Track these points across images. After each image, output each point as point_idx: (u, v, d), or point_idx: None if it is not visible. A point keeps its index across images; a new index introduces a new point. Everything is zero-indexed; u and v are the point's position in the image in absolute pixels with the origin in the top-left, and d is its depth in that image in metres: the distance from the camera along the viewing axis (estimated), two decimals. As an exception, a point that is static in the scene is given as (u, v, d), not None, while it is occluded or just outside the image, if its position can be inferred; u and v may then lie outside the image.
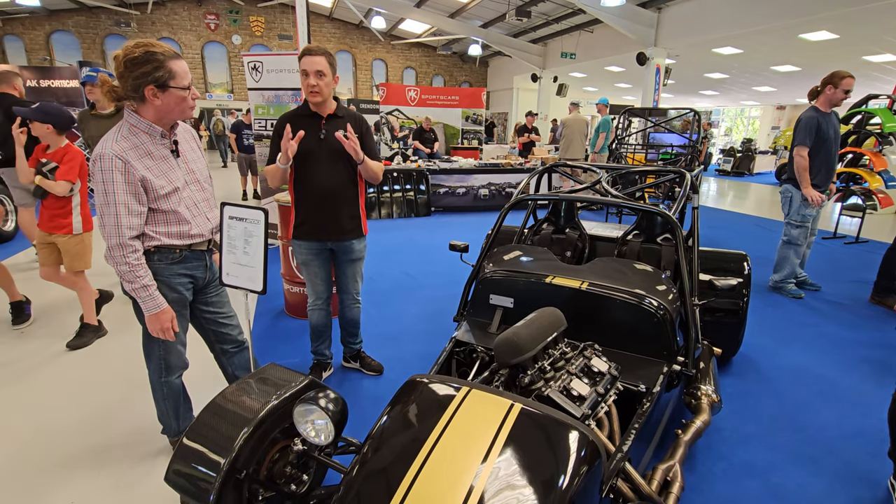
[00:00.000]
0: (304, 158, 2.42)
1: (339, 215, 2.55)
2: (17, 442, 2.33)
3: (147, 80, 1.65)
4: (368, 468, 1.28)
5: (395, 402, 1.48)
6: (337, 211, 2.54)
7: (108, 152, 1.64)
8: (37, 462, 2.19)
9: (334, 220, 2.55)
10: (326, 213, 2.53)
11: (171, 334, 1.86)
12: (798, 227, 4.26)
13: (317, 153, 2.44)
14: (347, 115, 2.53)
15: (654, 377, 1.90)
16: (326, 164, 2.46)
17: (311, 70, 2.31)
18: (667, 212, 2.29)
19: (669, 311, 2.01)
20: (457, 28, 16.13)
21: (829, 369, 3.13)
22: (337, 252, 2.67)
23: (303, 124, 2.40)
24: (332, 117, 2.47)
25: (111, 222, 1.67)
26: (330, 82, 2.38)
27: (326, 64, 2.34)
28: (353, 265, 2.72)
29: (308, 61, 2.32)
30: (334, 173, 2.50)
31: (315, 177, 2.47)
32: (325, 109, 2.46)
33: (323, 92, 2.36)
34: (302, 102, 2.50)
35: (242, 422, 1.54)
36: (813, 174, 4.08)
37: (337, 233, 2.58)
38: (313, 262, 2.64)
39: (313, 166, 2.46)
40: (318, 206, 2.52)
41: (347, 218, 2.59)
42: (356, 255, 2.69)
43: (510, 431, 1.27)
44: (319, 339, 2.85)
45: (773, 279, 4.54)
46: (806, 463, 2.24)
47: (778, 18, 8.98)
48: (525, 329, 1.63)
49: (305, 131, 2.37)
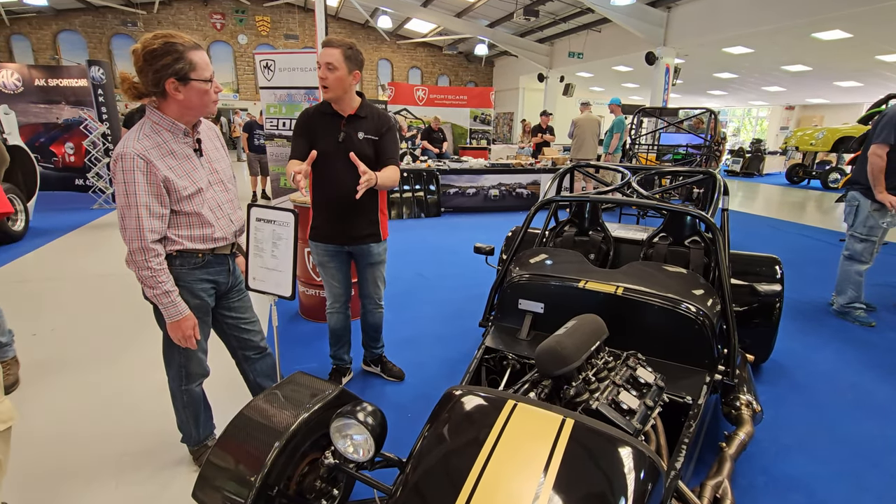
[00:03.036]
0: (322, 160, 2.30)
1: (357, 220, 2.44)
2: (37, 448, 2.26)
3: (167, 72, 1.57)
4: (416, 490, 1.20)
5: (436, 416, 1.39)
6: (354, 215, 2.42)
7: (129, 151, 1.56)
8: (56, 469, 2.13)
9: (351, 225, 2.45)
10: (343, 218, 2.42)
11: (192, 342, 1.78)
12: (863, 242, 3.73)
13: (334, 156, 2.29)
14: (370, 114, 2.38)
15: (697, 387, 1.82)
16: (344, 167, 2.28)
17: (322, 62, 2.19)
18: (705, 214, 2.20)
19: (710, 316, 1.92)
20: (463, 27, 16.05)
21: (863, 376, 3.03)
22: (355, 255, 2.58)
23: (325, 123, 2.32)
24: (353, 117, 2.34)
25: (133, 225, 1.59)
26: (343, 77, 2.21)
27: (340, 57, 2.18)
28: (372, 269, 2.61)
29: (321, 52, 2.22)
30: (353, 177, 2.30)
31: (332, 180, 2.36)
32: (346, 108, 2.32)
33: (332, 86, 2.21)
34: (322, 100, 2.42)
35: (273, 435, 1.46)
36: (889, 177, 3.53)
37: (354, 237, 2.48)
38: (330, 264, 2.55)
39: (331, 169, 2.35)
40: (335, 209, 2.42)
41: (366, 223, 2.48)
42: (375, 259, 2.58)
43: (566, 449, 1.18)
44: (338, 343, 2.77)
45: (838, 302, 3.98)
46: (850, 477, 2.15)
47: (791, 17, 8.86)
48: (568, 338, 1.55)
49: (326, 131, 2.30)
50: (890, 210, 3.56)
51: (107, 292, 4.28)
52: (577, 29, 14.68)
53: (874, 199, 3.61)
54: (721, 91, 19.26)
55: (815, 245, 6.54)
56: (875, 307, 4.12)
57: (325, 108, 2.37)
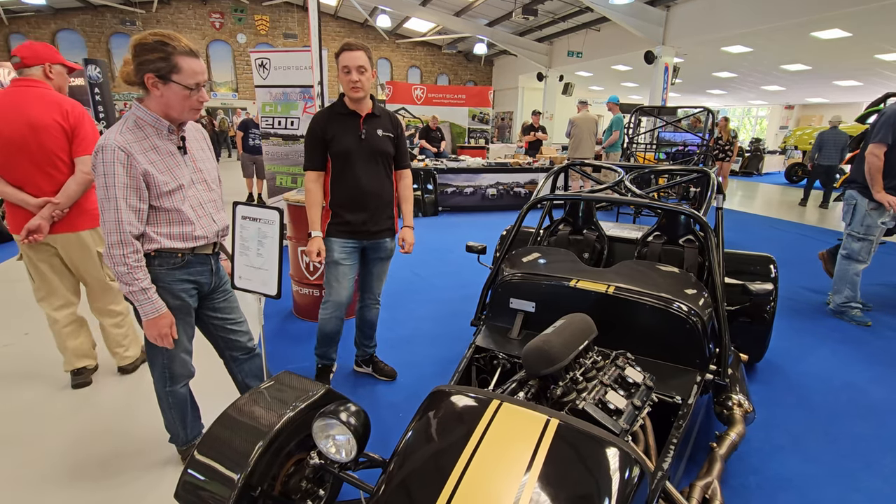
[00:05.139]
0: (344, 159, 2.40)
1: (380, 215, 2.53)
2: (20, 450, 2.24)
3: (148, 67, 1.57)
4: (398, 490, 1.19)
5: (421, 415, 1.38)
6: (378, 211, 2.52)
7: (110, 143, 1.54)
8: (40, 471, 2.11)
9: (374, 220, 2.52)
10: (368, 213, 2.49)
11: (169, 341, 1.75)
12: (861, 241, 3.72)
13: (357, 153, 2.40)
14: (384, 114, 2.50)
15: (687, 387, 1.80)
16: (367, 164, 2.43)
17: (354, 66, 2.25)
18: (697, 213, 2.19)
19: (701, 316, 1.91)
20: (462, 26, 16.02)
21: (858, 376, 3.01)
22: (369, 251, 2.62)
23: (342, 123, 2.38)
24: (370, 116, 2.42)
25: (111, 218, 1.57)
26: (370, 77, 2.33)
27: (367, 59, 2.28)
28: (382, 264, 2.69)
29: (350, 57, 2.25)
30: (375, 174, 2.48)
31: (356, 177, 2.43)
32: (364, 108, 2.40)
33: (364, 87, 2.31)
34: (338, 99, 2.43)
35: (257, 435, 1.45)
36: (887, 177, 3.52)
37: (374, 232, 2.55)
38: (345, 262, 2.54)
39: (354, 167, 2.42)
40: (361, 206, 2.47)
41: (385, 218, 2.57)
42: (387, 254, 2.67)
43: (549, 450, 1.17)
44: (330, 343, 2.73)
45: (834, 301, 3.97)
46: (842, 477, 2.14)
47: (790, 16, 8.84)
48: (556, 337, 1.53)
49: (345, 131, 2.36)
50: (888, 209, 3.55)
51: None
52: (576, 28, 14.65)
53: (872, 199, 3.59)
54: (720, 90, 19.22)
55: (813, 244, 6.52)
56: (871, 306, 4.10)
57: (341, 108, 2.40)
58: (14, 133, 2.28)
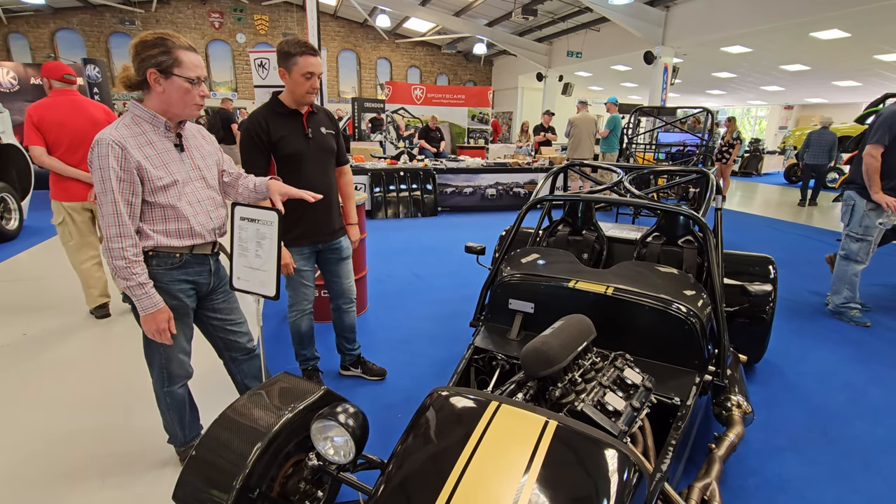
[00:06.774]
0: (294, 160, 2.32)
1: (332, 213, 2.50)
2: (19, 450, 2.24)
3: (151, 62, 1.60)
4: (396, 491, 1.19)
5: (419, 417, 1.38)
6: (330, 209, 2.48)
7: (105, 138, 1.56)
8: (39, 471, 2.10)
9: (328, 219, 2.48)
10: (322, 213, 2.43)
11: (167, 336, 1.74)
12: (859, 241, 3.71)
13: (306, 153, 2.34)
14: (320, 110, 2.47)
15: (686, 388, 1.80)
16: (317, 162, 2.39)
17: (318, 72, 2.24)
18: (696, 214, 2.19)
19: (700, 317, 1.91)
20: (462, 26, 16.01)
21: (856, 377, 3.02)
22: (326, 253, 2.56)
23: (287, 123, 2.31)
24: (311, 114, 2.38)
25: (109, 210, 1.58)
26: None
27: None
28: (345, 264, 2.63)
29: (314, 63, 2.21)
30: (325, 173, 2.44)
31: (308, 179, 2.31)
32: (304, 106, 2.34)
33: (316, 91, 2.30)
34: (272, 98, 2.36)
35: (255, 436, 1.45)
36: (886, 178, 3.52)
37: (331, 232, 2.51)
38: (305, 267, 2.50)
39: (305, 166, 2.35)
40: (311, 207, 2.30)
41: (338, 216, 2.56)
42: (347, 253, 2.63)
43: (547, 451, 1.17)
44: (309, 343, 2.69)
45: (833, 302, 3.97)
46: (842, 478, 2.14)
47: (789, 17, 8.84)
48: (554, 338, 1.53)
49: (293, 131, 2.31)
50: (886, 210, 3.55)
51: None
52: (575, 28, 14.64)
53: (870, 199, 3.60)
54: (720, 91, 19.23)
55: (813, 245, 6.53)
56: (870, 307, 4.10)
57: (278, 107, 2.31)
58: (80, 127, 3.33)
